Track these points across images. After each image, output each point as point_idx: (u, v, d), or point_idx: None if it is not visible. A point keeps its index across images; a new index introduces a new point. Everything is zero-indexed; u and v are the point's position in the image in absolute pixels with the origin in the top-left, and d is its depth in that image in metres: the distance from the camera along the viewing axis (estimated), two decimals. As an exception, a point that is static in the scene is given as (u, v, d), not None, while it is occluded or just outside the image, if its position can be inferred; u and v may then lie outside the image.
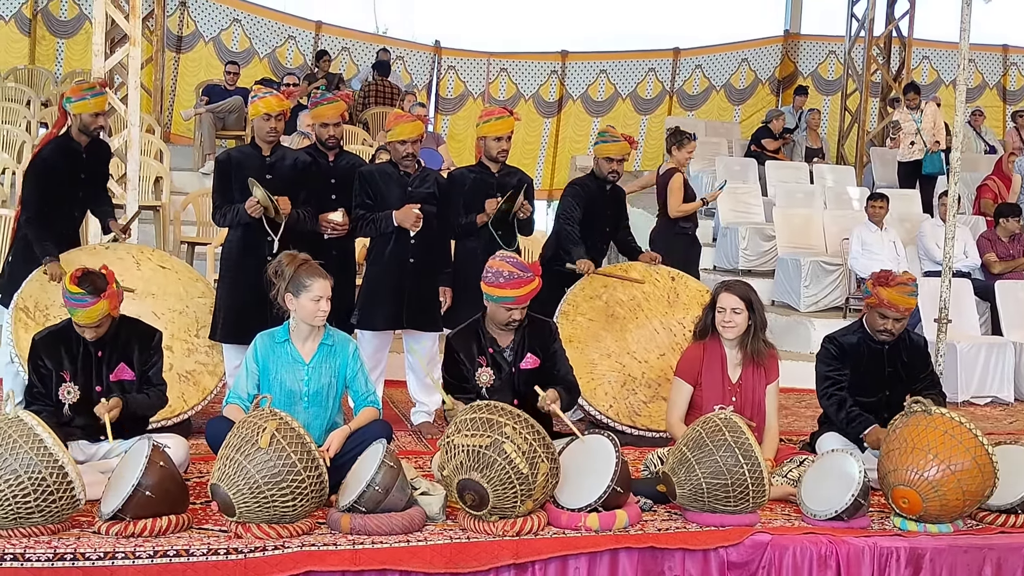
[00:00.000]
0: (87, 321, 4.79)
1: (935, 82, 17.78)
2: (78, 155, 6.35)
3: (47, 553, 3.85)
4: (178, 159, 12.58)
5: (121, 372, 4.89)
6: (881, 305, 5.39)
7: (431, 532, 4.30)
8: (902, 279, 5.43)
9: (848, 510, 4.55)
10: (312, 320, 4.86)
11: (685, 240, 8.71)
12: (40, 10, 15.21)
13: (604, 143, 6.87)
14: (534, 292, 5.17)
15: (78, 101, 6.23)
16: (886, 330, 5.42)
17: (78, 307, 4.78)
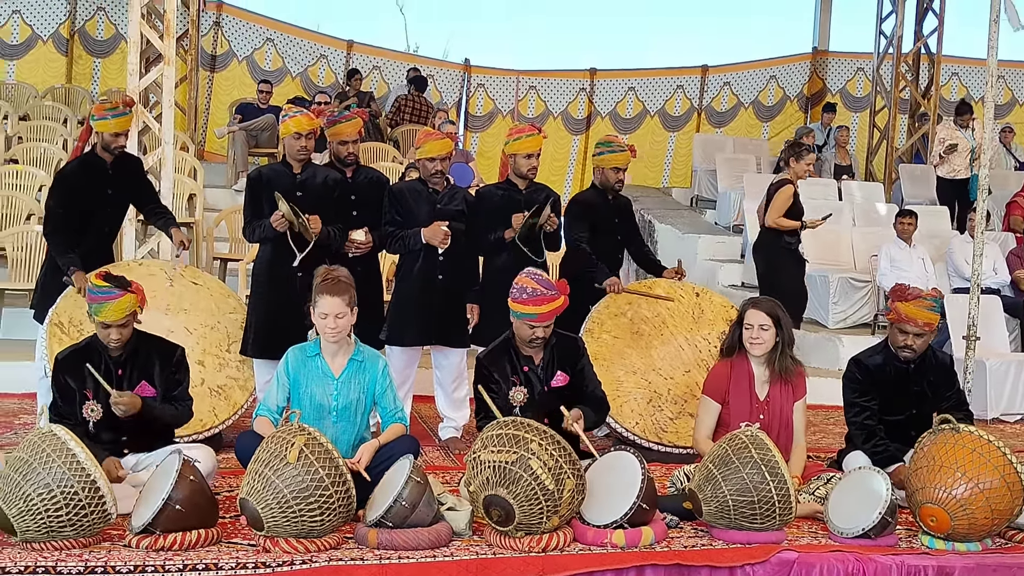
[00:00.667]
0: (114, 317, 4.77)
1: (965, 98, 17.62)
2: (103, 171, 6.40)
3: (78, 566, 3.87)
4: (211, 176, 12.68)
5: (143, 389, 4.89)
6: (900, 320, 5.34)
7: (457, 547, 4.29)
8: (920, 293, 5.37)
9: (875, 528, 4.51)
10: (324, 335, 4.89)
11: (788, 255, 8.62)
12: (77, 30, 15.39)
13: (611, 153, 6.79)
14: (558, 310, 5.15)
15: (100, 120, 6.29)
16: (907, 346, 5.36)
17: (105, 300, 4.76)
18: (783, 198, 8.51)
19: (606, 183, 6.80)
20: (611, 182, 6.77)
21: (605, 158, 6.79)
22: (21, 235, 8.94)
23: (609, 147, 6.85)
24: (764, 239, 8.72)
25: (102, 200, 6.45)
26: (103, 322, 4.81)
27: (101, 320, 4.81)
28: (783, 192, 8.52)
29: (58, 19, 15.32)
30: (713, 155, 14.89)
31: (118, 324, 4.82)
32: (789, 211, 8.55)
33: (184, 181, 10.75)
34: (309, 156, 6.29)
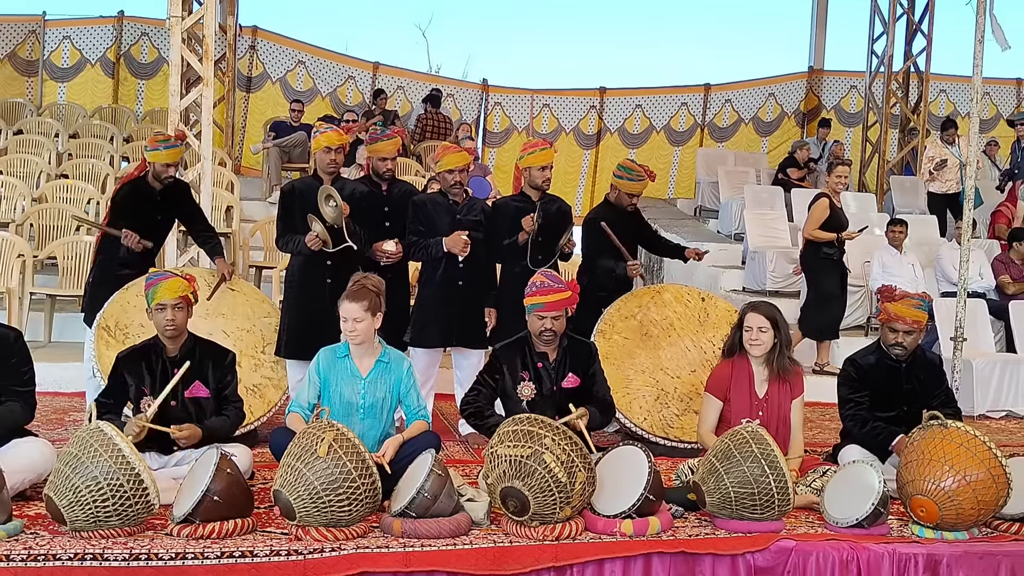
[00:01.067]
0: (168, 296, 4.83)
1: (952, 114, 17.55)
2: (152, 198, 6.44)
3: (123, 553, 3.89)
4: (247, 190, 12.72)
5: (196, 389, 4.92)
6: (890, 319, 5.36)
7: (476, 536, 4.28)
8: (906, 293, 5.42)
9: (868, 518, 4.49)
10: (345, 337, 4.91)
11: (829, 264, 8.70)
12: (123, 54, 15.49)
13: (630, 181, 6.78)
14: (565, 302, 5.14)
15: (153, 150, 6.32)
16: (898, 343, 5.36)
17: (159, 281, 4.86)
18: (819, 211, 8.61)
19: (619, 203, 6.79)
20: (624, 204, 6.79)
21: (624, 183, 6.79)
22: (71, 245, 8.98)
23: (630, 174, 6.80)
24: (805, 250, 8.86)
25: (150, 225, 6.50)
26: (159, 303, 4.85)
27: (157, 302, 4.85)
28: (818, 205, 8.63)
29: (105, 44, 15.44)
30: (715, 168, 14.87)
31: (173, 304, 4.85)
32: (827, 223, 8.62)
33: (222, 194, 10.80)
34: (338, 169, 6.31)
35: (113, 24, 15.48)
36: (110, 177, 11.51)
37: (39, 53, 15.21)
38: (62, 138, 13.17)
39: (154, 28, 15.45)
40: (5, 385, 4.70)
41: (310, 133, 12.81)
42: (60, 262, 8.88)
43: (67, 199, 10.45)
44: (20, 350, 4.79)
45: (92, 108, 14.81)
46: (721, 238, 13.37)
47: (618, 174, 6.83)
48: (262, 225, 10.40)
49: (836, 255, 8.72)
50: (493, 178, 12.89)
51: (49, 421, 6.52)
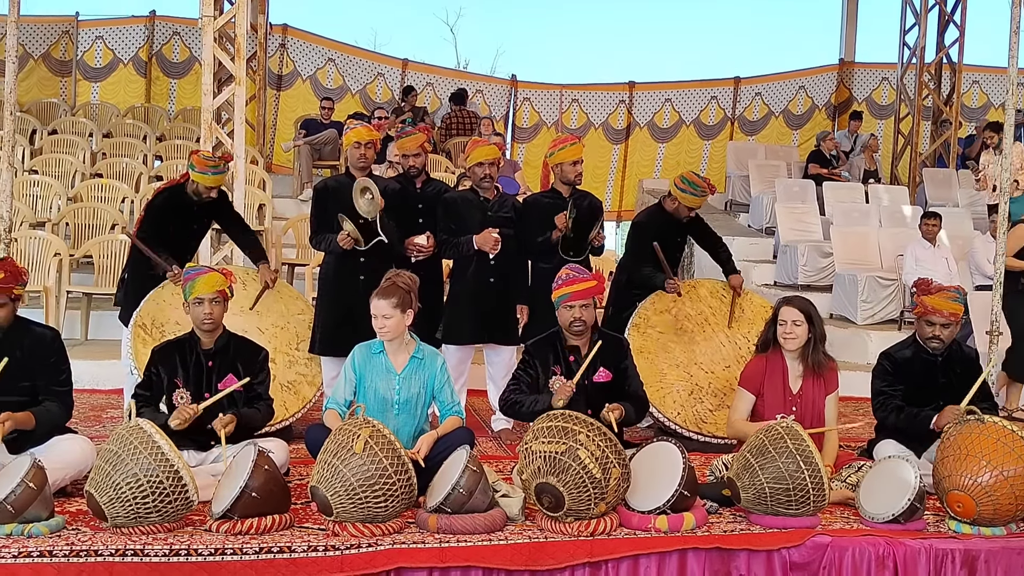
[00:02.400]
0: (206, 289, 4.90)
1: (985, 105, 17.42)
2: (190, 207, 6.45)
3: (164, 549, 3.92)
4: (279, 187, 12.81)
5: (228, 382, 4.95)
6: (926, 312, 5.32)
7: (511, 532, 4.30)
8: (943, 286, 5.36)
9: (904, 513, 4.47)
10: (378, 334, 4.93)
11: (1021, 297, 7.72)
12: (155, 54, 15.63)
13: (692, 195, 6.45)
14: (593, 291, 5.15)
15: (200, 172, 6.27)
16: (935, 336, 5.33)
17: (197, 276, 4.95)
18: (1014, 238, 7.71)
19: (677, 214, 6.60)
20: (681, 215, 6.58)
21: (686, 197, 6.47)
22: (106, 243, 9.07)
23: (694, 188, 6.45)
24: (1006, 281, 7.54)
25: (187, 233, 6.56)
26: (197, 297, 4.92)
27: (195, 295, 4.92)
28: (1014, 232, 7.75)
29: (137, 44, 15.58)
30: (746, 162, 14.81)
31: (210, 298, 4.92)
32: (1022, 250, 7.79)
33: (254, 192, 10.87)
34: (369, 165, 6.33)
35: (145, 24, 15.62)
36: (144, 176, 11.63)
37: (72, 53, 15.37)
38: (96, 137, 13.31)
39: (185, 27, 15.59)
40: (44, 384, 4.75)
41: (340, 130, 12.94)
42: (96, 260, 8.98)
43: (102, 198, 10.55)
44: (58, 349, 4.85)
45: (125, 107, 14.96)
46: (752, 232, 13.32)
47: (681, 187, 6.48)
48: (294, 223, 10.46)
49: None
50: (523, 174, 12.89)
51: (86, 418, 6.59)
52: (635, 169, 16.76)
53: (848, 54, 17.44)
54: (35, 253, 8.76)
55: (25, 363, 4.70)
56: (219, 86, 9.02)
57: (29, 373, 4.71)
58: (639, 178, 15.98)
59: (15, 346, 4.70)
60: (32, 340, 4.77)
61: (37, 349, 4.76)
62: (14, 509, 4.00)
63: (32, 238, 8.88)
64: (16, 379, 4.66)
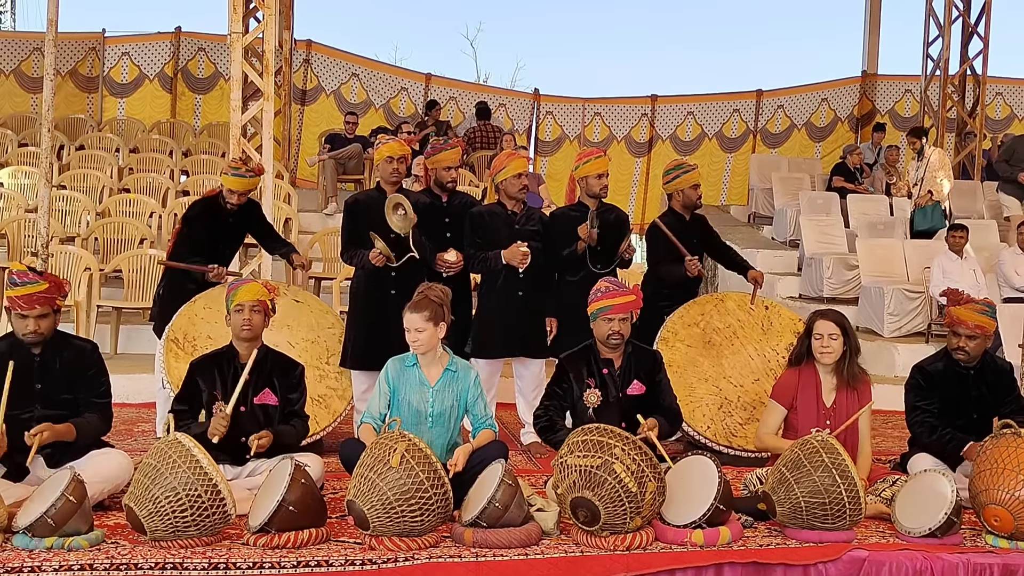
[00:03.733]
0: (249, 296, 4.95)
1: (1008, 117, 17.34)
2: (224, 216, 6.57)
3: (202, 563, 3.93)
4: (304, 201, 12.87)
5: (265, 396, 4.98)
6: (953, 323, 5.31)
7: (547, 546, 4.29)
8: (972, 299, 5.33)
9: (941, 528, 4.43)
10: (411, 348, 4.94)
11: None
12: (180, 69, 15.75)
13: (686, 174, 6.73)
14: (631, 305, 5.16)
15: (227, 175, 6.46)
16: (961, 348, 5.29)
17: (240, 284, 5.01)
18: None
19: (688, 203, 6.74)
20: (692, 200, 6.71)
21: (681, 180, 6.73)
22: (135, 258, 9.13)
23: (679, 168, 6.78)
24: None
25: (220, 241, 6.67)
26: (238, 304, 4.95)
27: (237, 303, 4.96)
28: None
29: (163, 60, 15.71)
30: (769, 174, 14.80)
31: (251, 306, 4.95)
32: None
33: (280, 207, 10.92)
34: (401, 179, 6.36)
35: (171, 40, 15.75)
36: (171, 191, 11.70)
37: (99, 69, 15.51)
38: (122, 153, 13.41)
39: (211, 43, 15.72)
40: (84, 397, 4.79)
41: (365, 145, 13.01)
42: (125, 275, 9.04)
43: (129, 212, 10.63)
44: (97, 362, 4.89)
45: (151, 123, 15.08)
46: (776, 244, 13.29)
47: (669, 177, 6.79)
48: (320, 237, 10.51)
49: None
50: (546, 187, 12.90)
51: (118, 432, 6.61)
52: (658, 182, 16.53)
53: (871, 66, 17.39)
54: (66, 268, 8.83)
55: (65, 375, 4.75)
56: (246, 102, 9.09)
57: (69, 386, 4.75)
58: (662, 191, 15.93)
59: (55, 358, 4.75)
60: (72, 352, 4.81)
61: (77, 362, 4.80)
62: (55, 523, 4.02)
63: (63, 253, 8.95)
64: (56, 392, 4.71)
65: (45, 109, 6.91)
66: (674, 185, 6.78)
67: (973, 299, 5.36)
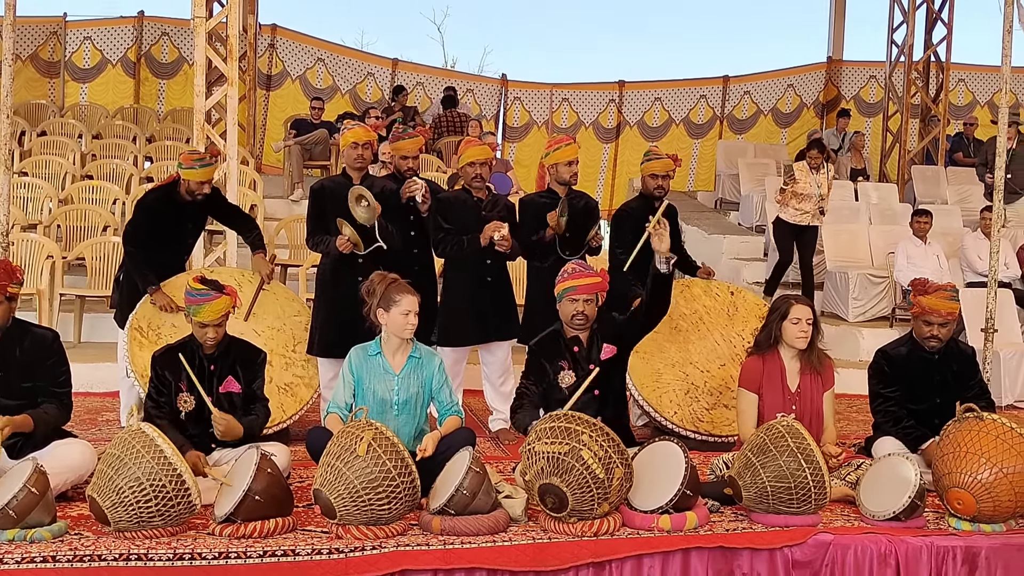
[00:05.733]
0: (211, 317, 4.83)
1: (971, 103, 17.49)
2: (183, 207, 6.39)
3: (167, 553, 3.90)
4: (269, 188, 12.75)
5: (229, 384, 4.94)
6: (924, 313, 5.32)
7: (515, 533, 4.29)
8: (939, 286, 5.35)
9: (905, 511, 4.48)
10: (401, 333, 4.91)
11: None
12: (143, 54, 15.57)
13: (648, 161, 6.74)
14: (597, 287, 5.17)
15: (187, 169, 6.26)
16: (933, 336, 5.33)
17: (203, 302, 4.82)
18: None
19: (646, 190, 6.76)
20: (649, 188, 6.71)
21: (644, 166, 6.75)
22: (99, 245, 9.03)
23: (647, 155, 6.80)
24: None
25: (182, 232, 6.53)
26: (200, 322, 4.86)
27: (199, 320, 4.85)
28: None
29: (126, 44, 15.51)
30: (735, 160, 14.85)
31: (214, 324, 4.87)
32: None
33: (245, 193, 10.83)
34: (367, 165, 6.31)
35: (133, 24, 15.56)
36: (134, 177, 11.57)
37: (61, 54, 15.29)
38: (85, 139, 13.25)
39: (174, 28, 15.54)
40: (43, 386, 4.73)
41: (331, 130, 12.92)
42: (88, 262, 8.94)
43: (93, 199, 10.50)
44: (57, 350, 4.82)
45: (114, 108, 14.89)
46: (742, 230, 13.34)
47: (642, 161, 6.80)
48: (286, 223, 10.43)
49: None
50: (514, 173, 12.88)
51: (82, 421, 6.55)
52: (625, 168, 16.76)
53: (836, 52, 17.49)
54: (28, 256, 8.71)
55: (24, 365, 4.68)
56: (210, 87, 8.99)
57: (29, 375, 4.68)
58: (629, 177, 15.97)
59: (15, 347, 4.68)
60: (32, 342, 4.74)
61: (36, 351, 4.73)
62: (16, 514, 3.97)
63: (24, 241, 8.83)
64: (15, 381, 4.65)
65: (4, 95, 6.77)
66: (640, 169, 6.81)
67: (940, 286, 5.37)
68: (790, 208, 10.02)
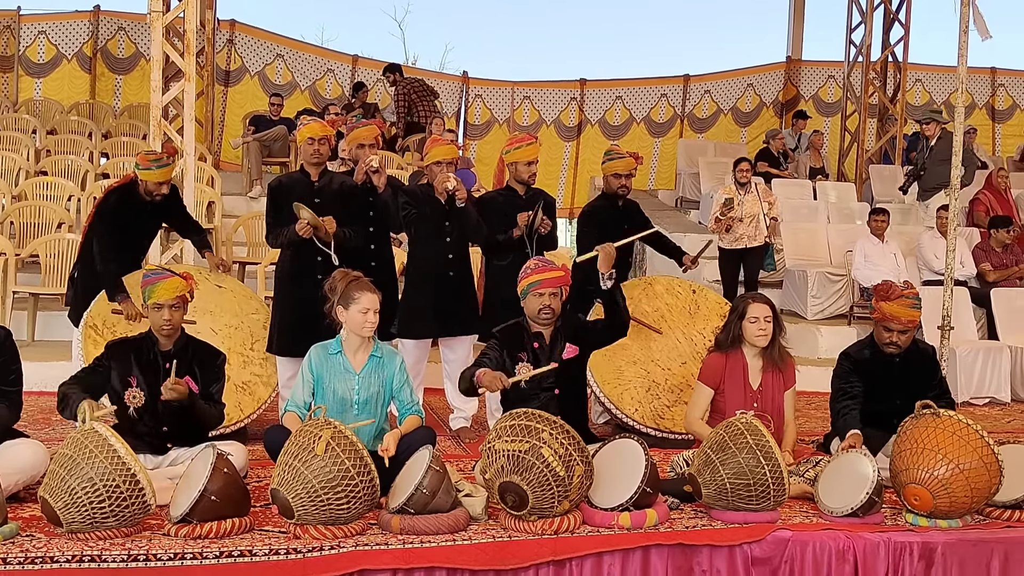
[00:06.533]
0: (166, 296, 4.78)
1: (927, 103, 17.68)
2: (143, 208, 6.37)
3: (122, 554, 3.84)
4: (228, 184, 12.62)
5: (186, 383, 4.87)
6: (884, 319, 5.33)
7: (475, 531, 4.27)
8: (903, 292, 5.34)
9: (863, 507, 4.51)
10: (360, 331, 4.87)
11: None
12: (100, 49, 15.35)
13: (610, 160, 6.77)
14: (560, 280, 5.18)
15: (144, 170, 6.24)
16: (892, 343, 5.34)
17: (158, 280, 4.81)
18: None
19: (609, 189, 6.77)
20: (613, 187, 6.73)
21: (606, 165, 6.77)
22: (53, 243, 8.89)
23: (609, 155, 6.82)
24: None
25: (141, 232, 6.51)
26: (156, 303, 4.80)
27: (154, 300, 4.80)
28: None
29: (81, 39, 15.29)
30: (696, 159, 14.91)
31: (170, 304, 4.81)
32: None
33: (203, 190, 10.71)
34: (323, 161, 6.25)
35: (89, 18, 15.33)
36: (90, 173, 11.43)
37: (14, 48, 15.05)
38: (39, 134, 13.04)
39: (131, 22, 15.34)
40: (-7, 385, 4.64)
41: (290, 127, 12.81)
42: (42, 260, 8.80)
43: (47, 196, 10.35)
44: (8, 348, 4.74)
45: (69, 104, 14.68)
46: (703, 229, 13.36)
47: (604, 161, 6.82)
48: (244, 220, 10.34)
49: None
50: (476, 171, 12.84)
51: (35, 421, 6.45)
52: (587, 166, 16.77)
53: (796, 52, 17.62)
54: (-21, 253, 8.56)
55: (-26, 364, 4.59)
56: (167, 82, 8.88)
57: (-21, 374, 4.60)
58: (591, 175, 15.97)
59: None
60: (-19, 340, 4.65)
61: (-14, 349, 4.64)
62: (-34, 516, 3.90)
63: (-24, 238, 8.68)
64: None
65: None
66: (602, 169, 6.81)
67: (902, 292, 5.35)
68: (728, 235, 9.72)
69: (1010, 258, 10.12)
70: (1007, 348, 8.63)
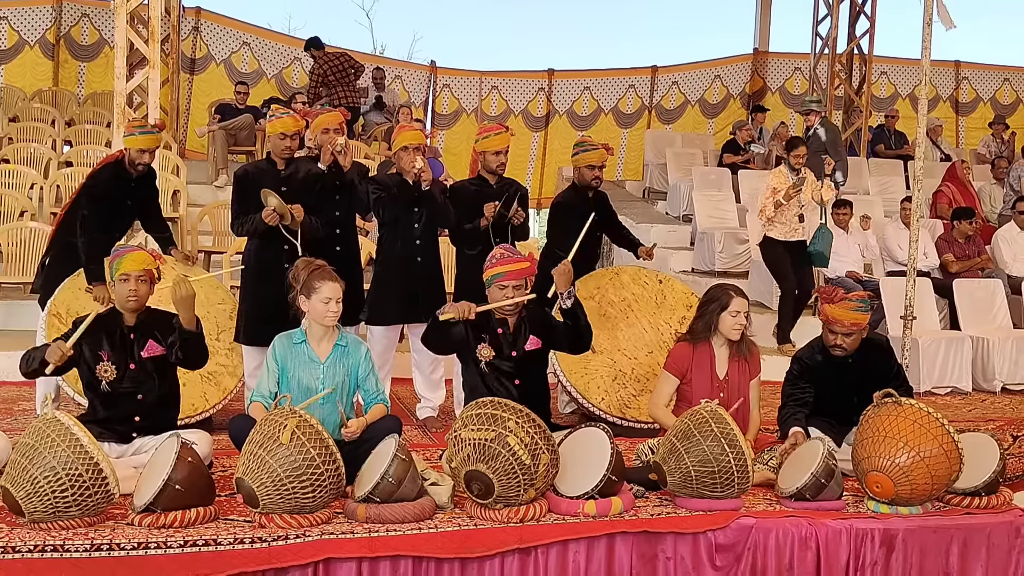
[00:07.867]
0: (133, 267, 4.78)
1: (892, 96, 17.85)
2: (128, 183, 6.33)
3: (85, 544, 3.82)
4: (193, 173, 12.52)
5: (151, 348, 4.87)
6: (828, 321, 5.32)
7: (441, 520, 4.28)
8: (846, 295, 5.32)
9: (810, 488, 4.55)
10: (323, 320, 4.86)
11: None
12: (63, 35, 15.16)
13: (584, 152, 6.75)
14: (525, 271, 5.18)
15: (128, 136, 6.23)
16: (838, 345, 5.30)
17: (125, 252, 4.85)
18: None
19: (582, 181, 6.77)
20: (587, 179, 6.74)
21: (579, 157, 6.75)
22: (15, 231, 8.80)
23: (582, 147, 6.81)
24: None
25: (122, 210, 6.44)
26: (123, 274, 4.79)
27: (121, 272, 4.79)
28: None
29: (44, 25, 15.09)
30: (663, 150, 14.97)
31: (137, 275, 4.80)
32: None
33: (168, 178, 10.63)
34: (292, 155, 6.23)
35: (52, 5, 15.12)
36: (53, 161, 11.30)
37: (-25, 35, 14.83)
38: (1, 122, 12.88)
39: (95, 8, 15.15)
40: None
41: (256, 115, 12.73)
42: (4, 248, 8.71)
43: (9, 184, 10.23)
44: (-29, 339, 4.70)
45: (32, 91, 14.49)
46: (670, 219, 13.46)
47: (574, 152, 6.81)
48: (210, 209, 10.27)
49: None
50: (443, 160, 12.83)
51: (-3, 411, 6.40)
52: (554, 157, 16.80)
53: (762, 44, 17.72)
54: (-60, 241, 8.46)
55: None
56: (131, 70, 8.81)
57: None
58: (558, 166, 16.01)
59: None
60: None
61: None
62: (-75, 506, 3.86)
63: (-64, 226, 8.58)
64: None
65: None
66: (573, 160, 6.81)
67: (846, 295, 5.33)
68: (777, 224, 8.72)
69: (972, 249, 10.24)
70: (968, 338, 8.73)
